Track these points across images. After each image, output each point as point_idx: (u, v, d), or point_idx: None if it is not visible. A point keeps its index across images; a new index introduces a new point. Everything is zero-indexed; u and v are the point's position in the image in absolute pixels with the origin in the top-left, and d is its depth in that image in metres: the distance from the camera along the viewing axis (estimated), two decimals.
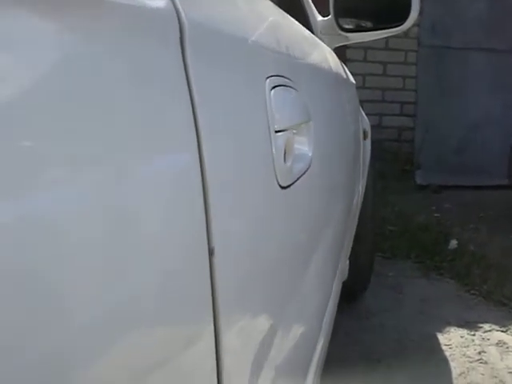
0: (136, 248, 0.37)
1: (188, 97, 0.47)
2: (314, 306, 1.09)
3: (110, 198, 0.34)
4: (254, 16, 0.80)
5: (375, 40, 2.75)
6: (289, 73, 0.88)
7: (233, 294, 0.53)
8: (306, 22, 1.91)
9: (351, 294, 2.63)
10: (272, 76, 0.74)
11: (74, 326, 0.31)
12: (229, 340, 0.50)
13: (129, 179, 0.37)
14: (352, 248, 2.21)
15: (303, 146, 0.89)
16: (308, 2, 2.08)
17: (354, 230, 2.23)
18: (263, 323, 0.65)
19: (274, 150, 0.69)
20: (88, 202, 0.32)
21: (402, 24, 1.90)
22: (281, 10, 1.11)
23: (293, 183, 0.78)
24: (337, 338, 1.56)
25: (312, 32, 1.84)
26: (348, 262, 2.17)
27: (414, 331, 2.55)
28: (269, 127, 0.69)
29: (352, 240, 2.18)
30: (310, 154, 0.91)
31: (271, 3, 1.03)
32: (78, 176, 0.32)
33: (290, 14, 1.23)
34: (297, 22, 1.29)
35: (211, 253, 0.46)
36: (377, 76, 5.32)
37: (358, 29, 2.05)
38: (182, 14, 0.47)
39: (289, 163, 0.75)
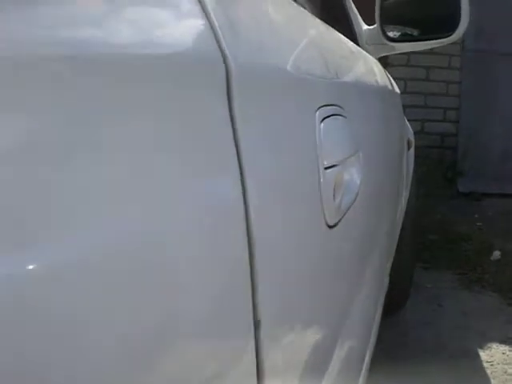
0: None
1: (233, 143, 0.44)
2: (361, 328, 1.05)
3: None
4: (301, 41, 0.76)
5: None
6: (338, 99, 0.83)
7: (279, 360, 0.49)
8: (350, 31, 1.86)
9: (390, 307, 2.56)
10: (322, 106, 0.70)
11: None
12: None
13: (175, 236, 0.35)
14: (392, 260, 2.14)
15: (352, 178, 0.84)
16: (353, 10, 2.02)
17: (396, 242, 2.18)
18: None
19: (322, 189, 0.65)
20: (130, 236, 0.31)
21: (451, 34, 1.83)
22: (327, 26, 1.06)
23: (340, 219, 0.73)
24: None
25: (357, 42, 1.79)
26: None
27: (453, 346, 2.47)
28: (318, 164, 0.64)
29: (393, 254, 2.12)
30: (358, 183, 0.87)
31: (317, 20, 0.98)
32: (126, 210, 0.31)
33: (335, 24, 1.18)
34: (342, 37, 1.24)
35: (256, 326, 0.42)
36: (419, 81, 5.22)
37: (405, 38, 1.99)
38: (229, 59, 0.44)
39: (338, 200, 0.71)
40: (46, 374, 0.25)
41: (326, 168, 0.66)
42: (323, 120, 0.69)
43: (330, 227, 0.68)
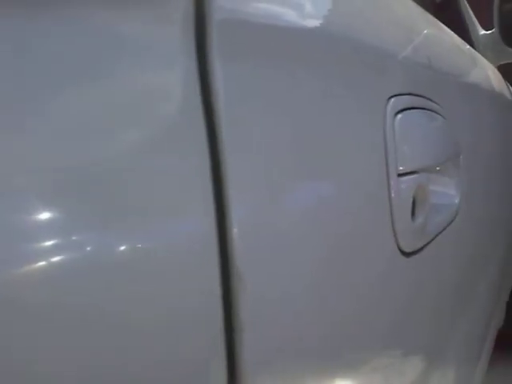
0: None
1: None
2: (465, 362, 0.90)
3: None
4: (385, 17, 0.59)
5: None
6: (432, 93, 0.65)
7: None
8: (465, 35, 1.68)
9: (507, 342, 2.31)
10: (400, 95, 0.53)
11: None
12: None
13: None
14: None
15: (447, 192, 0.66)
16: (469, 13, 1.84)
17: None
18: None
19: (393, 203, 0.47)
20: None
21: None
22: (431, 17, 0.89)
23: (426, 245, 0.56)
24: None
25: (473, 47, 1.60)
26: (505, 305, 1.88)
27: None
28: (387, 169, 0.47)
29: (511, 283, 1.89)
30: (457, 201, 0.68)
31: (416, 6, 0.81)
32: None
33: (447, 27, 1.00)
34: (452, 33, 1.05)
35: None
36: None
37: None
38: None
39: (419, 219, 0.53)
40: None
41: (400, 175, 0.49)
42: (400, 112, 0.52)
43: (407, 255, 0.51)
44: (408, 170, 0.51)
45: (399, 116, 0.51)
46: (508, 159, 1.40)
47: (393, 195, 0.48)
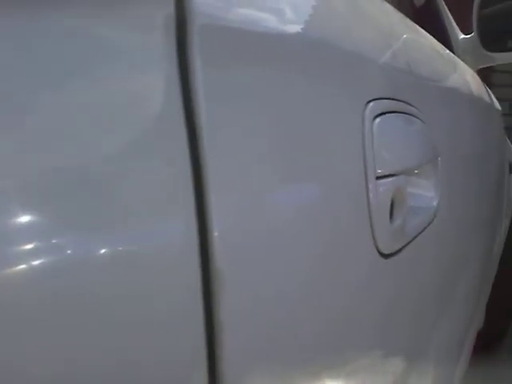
0: None
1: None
2: (444, 366, 0.92)
3: None
4: (361, 20, 0.60)
5: None
6: (410, 96, 0.66)
7: None
8: (445, 39, 1.69)
9: (485, 344, 2.33)
10: (377, 99, 0.53)
11: None
12: None
13: None
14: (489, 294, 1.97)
15: (424, 194, 0.67)
16: (448, 17, 1.85)
17: (494, 274, 1.97)
18: None
19: (371, 205, 0.48)
20: None
21: None
22: (409, 21, 0.90)
23: (404, 247, 0.56)
24: None
25: (452, 51, 1.61)
26: (485, 308, 1.91)
27: None
28: (365, 171, 0.48)
29: (490, 286, 1.91)
30: (435, 203, 0.69)
31: (395, 10, 0.82)
32: None
33: (427, 31, 1.01)
34: (431, 37, 1.07)
35: None
36: None
37: (506, 48, 1.80)
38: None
39: (397, 221, 0.54)
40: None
41: (378, 178, 0.50)
42: (379, 116, 0.52)
43: (385, 256, 0.51)
44: (386, 173, 0.52)
45: (378, 120, 0.52)
46: (486, 162, 1.42)
47: (371, 198, 0.48)
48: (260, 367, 0.35)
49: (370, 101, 0.52)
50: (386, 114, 0.55)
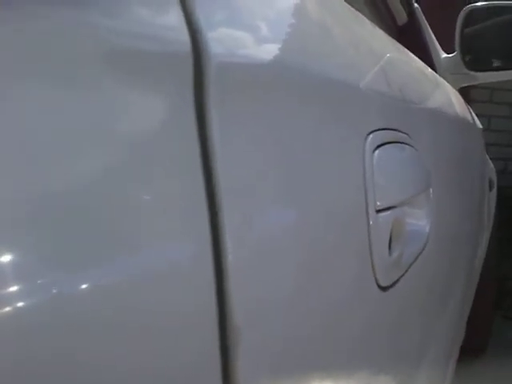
0: None
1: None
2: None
3: None
4: (353, 47, 0.60)
5: (503, 80, 2.51)
6: (404, 125, 0.66)
7: None
8: (428, 59, 1.70)
9: (467, 357, 2.35)
10: (376, 130, 0.54)
11: None
12: None
13: None
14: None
15: (418, 223, 0.67)
16: (430, 36, 1.87)
17: (475, 289, 1.98)
18: None
19: (372, 239, 0.48)
20: None
21: None
22: (396, 43, 0.90)
23: (400, 277, 0.56)
24: None
25: (435, 70, 1.62)
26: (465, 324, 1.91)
27: None
28: (366, 206, 0.48)
29: (471, 300, 1.92)
30: (427, 230, 0.69)
31: (383, 33, 0.82)
32: None
33: (410, 50, 1.02)
34: (416, 58, 1.07)
35: None
36: (503, 118, 4.97)
37: (488, 67, 1.82)
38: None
39: (396, 253, 0.54)
40: None
41: (378, 211, 0.50)
42: (378, 147, 0.53)
43: (384, 289, 0.51)
44: (386, 206, 0.52)
45: (377, 152, 0.52)
46: (469, 181, 1.43)
47: (371, 231, 0.48)
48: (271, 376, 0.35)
49: (369, 133, 0.52)
50: (384, 145, 0.55)
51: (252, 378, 0.33)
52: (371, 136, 0.52)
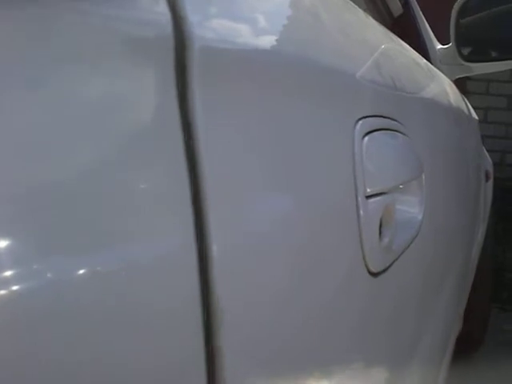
0: None
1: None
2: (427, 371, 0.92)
3: None
4: (342, 35, 0.60)
5: (499, 72, 2.51)
6: (396, 113, 0.66)
7: None
8: (423, 50, 1.70)
9: (463, 349, 2.35)
10: (366, 117, 0.54)
11: None
12: None
13: None
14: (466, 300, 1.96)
15: (410, 209, 0.67)
16: (425, 27, 1.86)
17: (472, 280, 1.98)
18: None
19: (362, 224, 0.48)
20: None
21: None
22: (390, 33, 0.90)
23: (391, 264, 0.56)
24: None
25: (430, 61, 1.62)
26: (462, 314, 1.92)
27: None
28: (356, 191, 0.48)
29: (468, 292, 1.93)
30: (420, 218, 0.69)
31: (376, 23, 0.82)
32: None
33: (405, 41, 1.02)
34: (410, 48, 1.07)
35: None
36: (500, 110, 4.97)
37: (484, 58, 1.82)
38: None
39: (386, 239, 0.54)
40: None
41: (368, 197, 0.50)
42: (368, 134, 0.53)
43: (374, 275, 0.51)
44: (375, 192, 0.52)
45: (366, 138, 0.52)
46: (465, 171, 1.43)
47: (361, 217, 0.48)
48: (258, 372, 0.35)
49: (359, 119, 0.52)
50: (374, 132, 0.55)
51: (239, 373, 0.33)
52: (361, 122, 0.52)
